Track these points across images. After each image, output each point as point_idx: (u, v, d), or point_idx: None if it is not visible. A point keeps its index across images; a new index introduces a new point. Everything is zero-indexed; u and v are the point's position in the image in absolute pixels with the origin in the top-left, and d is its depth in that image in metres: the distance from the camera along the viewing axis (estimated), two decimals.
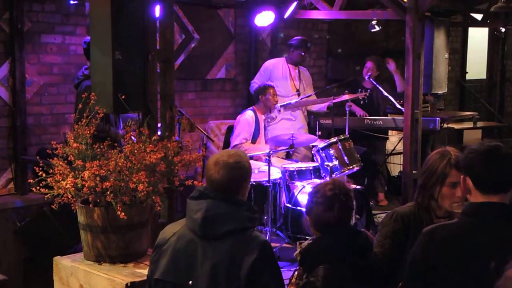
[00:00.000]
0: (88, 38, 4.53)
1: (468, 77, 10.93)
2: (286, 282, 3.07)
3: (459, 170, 2.73)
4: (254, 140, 6.13)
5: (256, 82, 6.83)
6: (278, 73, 6.86)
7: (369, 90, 6.96)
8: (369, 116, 7.11)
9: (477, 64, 11.03)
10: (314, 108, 7.02)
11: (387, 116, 7.27)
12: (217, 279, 2.50)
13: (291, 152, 6.42)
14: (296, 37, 7.02)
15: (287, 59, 6.97)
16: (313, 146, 5.82)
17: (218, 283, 2.50)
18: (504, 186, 2.45)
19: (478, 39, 10.85)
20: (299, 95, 6.85)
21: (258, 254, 2.50)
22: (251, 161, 5.92)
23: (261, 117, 6.25)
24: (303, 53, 6.90)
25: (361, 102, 6.79)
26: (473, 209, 2.48)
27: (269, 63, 6.99)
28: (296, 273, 2.95)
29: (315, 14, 7.03)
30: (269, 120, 6.47)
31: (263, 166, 5.65)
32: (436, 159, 2.98)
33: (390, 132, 7.59)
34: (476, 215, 2.46)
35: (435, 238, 2.51)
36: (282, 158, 6.40)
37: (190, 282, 2.54)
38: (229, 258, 2.51)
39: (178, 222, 2.74)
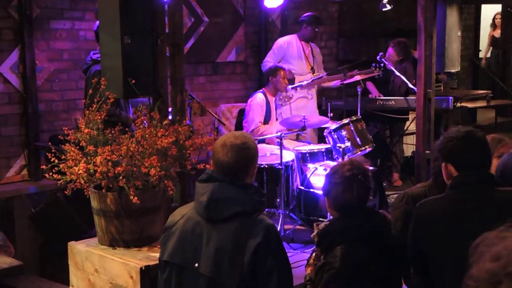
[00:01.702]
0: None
1: (481, 55, 10.82)
2: (300, 264, 3.07)
3: None
4: (265, 123, 6.11)
5: (269, 61, 6.74)
6: (293, 51, 6.79)
7: (382, 68, 6.86)
8: (385, 96, 7.06)
9: None
10: (327, 84, 6.98)
11: (409, 96, 7.19)
12: (220, 262, 2.49)
13: (302, 134, 6.39)
14: (307, 13, 6.93)
15: (300, 36, 6.88)
16: (325, 128, 5.78)
17: (221, 266, 2.49)
18: (484, 165, 2.60)
19: (491, 16, 10.73)
20: (313, 72, 6.80)
21: (262, 238, 2.47)
22: (264, 145, 5.96)
23: (272, 99, 6.21)
24: (317, 29, 6.83)
25: (376, 76, 6.70)
26: (457, 180, 2.58)
27: (283, 41, 6.89)
28: (313, 254, 2.95)
29: None
30: (286, 99, 6.41)
31: (276, 150, 5.63)
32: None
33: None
34: (461, 185, 2.56)
35: (421, 213, 2.63)
36: (292, 140, 6.37)
37: (196, 264, 2.54)
38: (233, 242, 2.49)
39: (187, 205, 2.74)
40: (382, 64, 6.73)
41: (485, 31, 10.75)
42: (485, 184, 2.57)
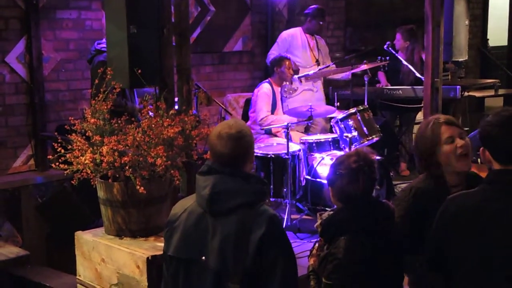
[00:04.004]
0: None
1: (489, 44, 10.76)
2: (306, 254, 3.06)
3: (449, 125, 2.85)
4: (271, 113, 6.09)
5: (273, 53, 6.75)
6: (297, 43, 6.77)
7: (388, 60, 6.84)
8: (395, 85, 7.04)
9: (498, 31, 10.85)
10: (336, 76, 6.95)
11: (420, 85, 7.16)
12: (225, 255, 2.47)
13: (309, 124, 6.37)
14: (311, 6, 6.91)
15: (304, 29, 6.87)
16: (332, 118, 5.76)
17: (226, 259, 2.47)
18: None
19: (499, 5, 10.66)
20: (318, 64, 6.77)
21: (266, 228, 2.45)
22: (271, 137, 5.95)
23: (277, 89, 6.20)
24: (321, 22, 6.80)
25: (381, 69, 6.68)
26: (492, 176, 2.45)
27: (287, 33, 6.89)
28: (317, 244, 2.94)
29: None
30: (291, 91, 6.39)
31: (283, 140, 5.62)
32: (423, 127, 2.96)
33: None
34: (495, 182, 2.43)
35: (452, 205, 2.51)
36: (301, 132, 6.35)
37: (203, 257, 2.53)
38: (237, 233, 2.47)
39: (189, 198, 2.72)
40: (388, 57, 6.71)
41: (493, 20, 10.67)
42: None
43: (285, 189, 5.30)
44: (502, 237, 2.34)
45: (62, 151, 3.63)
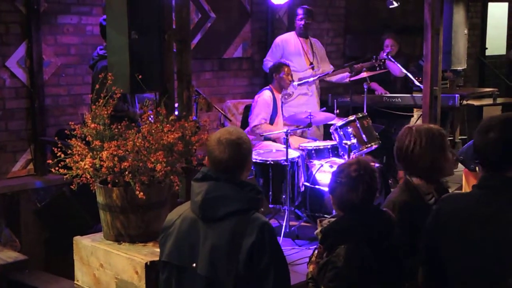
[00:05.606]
0: (105, 17, 4.53)
1: (487, 53, 10.80)
2: (304, 260, 3.07)
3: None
4: (272, 120, 6.09)
5: (268, 60, 6.78)
6: (290, 48, 6.79)
7: (383, 60, 6.84)
8: (391, 93, 7.06)
9: (496, 40, 10.89)
10: (334, 79, 6.97)
11: (410, 93, 7.18)
12: (216, 262, 2.48)
13: (308, 131, 6.39)
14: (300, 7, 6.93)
15: (296, 33, 6.89)
16: (331, 125, 5.77)
17: (217, 266, 2.47)
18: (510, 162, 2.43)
19: (497, 14, 10.70)
20: (313, 68, 6.79)
21: (256, 236, 2.46)
22: (269, 142, 5.96)
23: (278, 96, 6.22)
24: (302, 21, 6.75)
25: (377, 68, 6.66)
26: (483, 181, 2.49)
27: (280, 39, 6.91)
28: (316, 251, 2.94)
29: None
30: (286, 96, 6.41)
31: (282, 147, 5.63)
32: (432, 135, 3.01)
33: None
34: (485, 187, 2.47)
35: (443, 208, 2.56)
36: (299, 137, 6.37)
37: (194, 264, 2.54)
38: (229, 240, 2.48)
39: (185, 204, 2.73)
40: (385, 56, 6.72)
41: (491, 29, 10.71)
42: (507, 187, 2.41)
43: (284, 196, 5.31)
44: (493, 238, 2.37)
45: (62, 155, 3.63)
